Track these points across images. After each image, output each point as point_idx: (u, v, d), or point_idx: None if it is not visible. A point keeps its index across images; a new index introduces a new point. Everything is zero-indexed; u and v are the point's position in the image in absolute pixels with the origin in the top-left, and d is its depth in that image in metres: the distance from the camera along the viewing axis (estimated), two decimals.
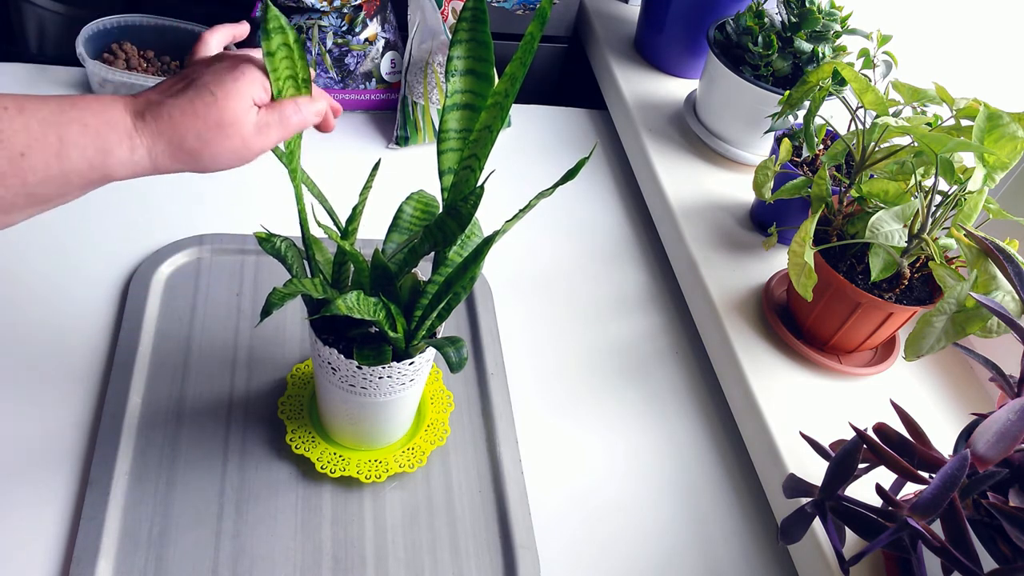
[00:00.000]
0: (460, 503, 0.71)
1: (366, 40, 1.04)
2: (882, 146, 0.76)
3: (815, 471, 0.69)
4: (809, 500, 0.56)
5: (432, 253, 0.60)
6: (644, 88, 1.14)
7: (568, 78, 1.30)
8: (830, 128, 0.88)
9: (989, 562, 0.52)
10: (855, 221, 0.76)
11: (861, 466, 0.56)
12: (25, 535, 0.63)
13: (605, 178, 1.10)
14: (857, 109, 0.77)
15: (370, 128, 1.07)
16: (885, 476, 0.60)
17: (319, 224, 0.60)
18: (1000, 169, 0.67)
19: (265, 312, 0.53)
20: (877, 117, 0.72)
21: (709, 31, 1.01)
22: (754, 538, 0.74)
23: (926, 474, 0.54)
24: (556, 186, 0.54)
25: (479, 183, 0.56)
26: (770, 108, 0.92)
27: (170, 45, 1.06)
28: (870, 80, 0.79)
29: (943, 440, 0.61)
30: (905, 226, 0.71)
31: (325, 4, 1.00)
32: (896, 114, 0.76)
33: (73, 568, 0.61)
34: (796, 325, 0.82)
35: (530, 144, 1.12)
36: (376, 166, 0.62)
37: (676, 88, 1.15)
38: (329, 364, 0.63)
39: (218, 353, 0.78)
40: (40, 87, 1.00)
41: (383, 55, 1.06)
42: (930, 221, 0.70)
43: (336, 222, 0.62)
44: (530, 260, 0.95)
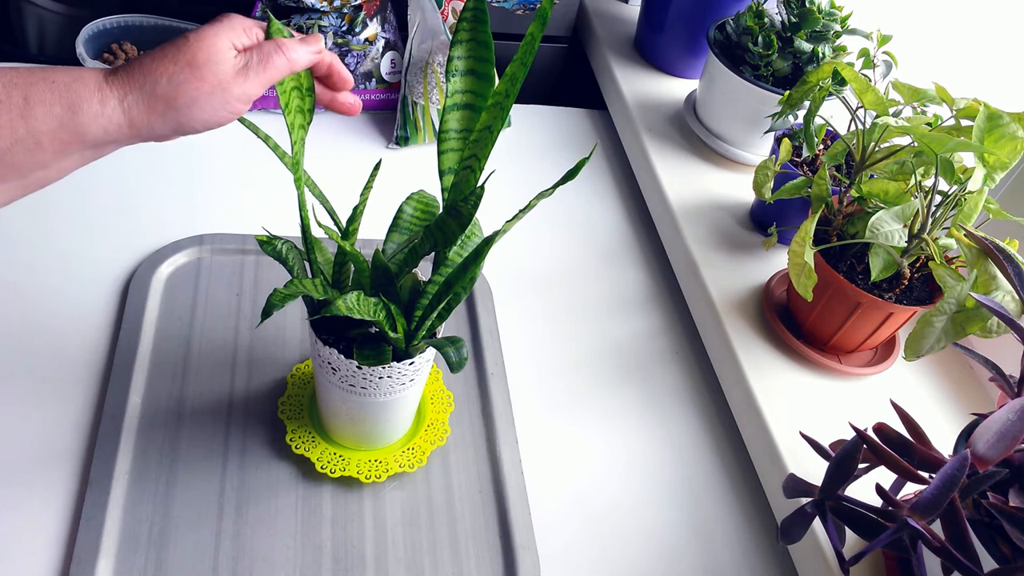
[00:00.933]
0: (460, 503, 0.71)
1: (366, 40, 1.04)
2: (882, 146, 0.76)
3: (815, 471, 0.69)
4: (809, 500, 0.56)
5: (432, 253, 0.60)
6: (644, 88, 1.14)
7: (568, 78, 1.30)
8: (830, 128, 0.88)
9: (989, 562, 0.52)
10: (855, 221, 0.76)
11: (861, 466, 0.56)
12: (25, 535, 0.63)
13: (605, 178, 1.10)
14: (857, 109, 0.77)
15: (370, 128, 1.07)
16: (885, 476, 0.60)
17: (320, 224, 0.60)
18: (1000, 169, 0.67)
19: (266, 313, 0.53)
20: (877, 117, 0.72)
21: (709, 31, 1.01)
22: (754, 538, 0.74)
23: (926, 474, 0.54)
24: (556, 186, 0.54)
25: (479, 183, 0.56)
26: (770, 108, 0.92)
27: None
28: (870, 80, 0.79)
29: (943, 440, 0.61)
30: (905, 226, 0.71)
31: (325, 4, 1.00)
32: (896, 114, 0.76)
33: (73, 568, 0.61)
34: (796, 325, 0.82)
35: (530, 144, 1.11)
36: (377, 166, 0.62)
37: (676, 88, 1.15)
38: (329, 364, 0.63)
39: (218, 353, 0.78)
40: None
41: (383, 55, 1.06)
42: (930, 221, 0.70)
43: (337, 222, 0.62)
44: (530, 260, 0.95)
